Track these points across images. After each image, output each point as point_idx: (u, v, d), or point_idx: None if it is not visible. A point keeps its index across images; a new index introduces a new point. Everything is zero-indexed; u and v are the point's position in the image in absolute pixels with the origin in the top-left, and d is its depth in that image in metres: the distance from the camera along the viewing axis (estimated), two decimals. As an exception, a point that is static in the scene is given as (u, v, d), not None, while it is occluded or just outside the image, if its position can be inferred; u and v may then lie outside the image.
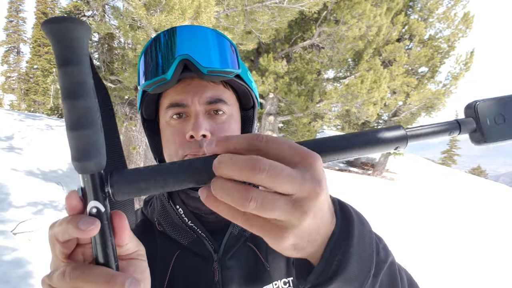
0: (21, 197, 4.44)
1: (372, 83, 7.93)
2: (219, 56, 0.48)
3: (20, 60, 24.08)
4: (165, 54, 0.47)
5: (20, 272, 2.88)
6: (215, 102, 0.51)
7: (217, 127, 0.51)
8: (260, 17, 4.38)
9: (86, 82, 0.25)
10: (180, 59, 0.46)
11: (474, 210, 7.80)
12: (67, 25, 0.24)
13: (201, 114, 0.50)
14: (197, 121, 0.49)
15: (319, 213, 0.26)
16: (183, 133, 0.50)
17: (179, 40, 0.47)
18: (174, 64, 0.46)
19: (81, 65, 0.25)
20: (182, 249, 0.54)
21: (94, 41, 13.33)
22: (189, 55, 0.46)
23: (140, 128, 5.01)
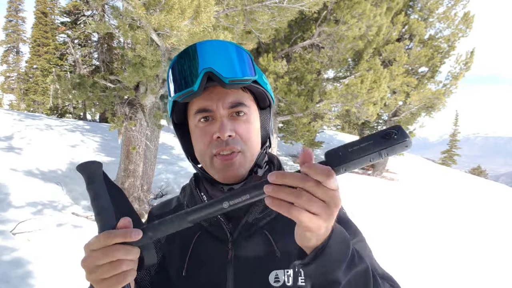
0: (21, 197, 4.44)
1: (372, 83, 7.93)
2: (238, 66, 0.56)
3: (20, 60, 24.06)
4: (190, 68, 0.55)
5: (19, 272, 2.87)
6: (237, 106, 0.59)
7: (239, 126, 0.59)
8: (260, 16, 4.37)
9: (101, 193, 0.49)
10: (204, 72, 0.53)
11: (474, 210, 7.80)
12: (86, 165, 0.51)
13: (225, 117, 0.58)
14: (222, 124, 0.57)
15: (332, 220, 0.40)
16: (210, 134, 0.58)
17: (201, 54, 0.55)
18: (199, 77, 0.54)
19: (97, 183, 0.50)
20: (202, 231, 0.63)
21: (93, 41, 13.27)
22: (212, 68, 0.53)
23: (139, 128, 5.00)
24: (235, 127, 0.58)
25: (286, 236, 0.57)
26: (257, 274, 0.58)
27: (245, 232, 0.60)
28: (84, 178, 0.49)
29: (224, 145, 0.57)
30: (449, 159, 23.66)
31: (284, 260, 0.58)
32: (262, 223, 0.61)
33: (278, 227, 0.60)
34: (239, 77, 0.55)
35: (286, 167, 7.50)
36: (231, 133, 0.57)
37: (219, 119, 0.58)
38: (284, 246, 0.59)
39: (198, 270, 0.61)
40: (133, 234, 0.43)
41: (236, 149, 0.58)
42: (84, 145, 7.65)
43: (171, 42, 3.38)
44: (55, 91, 4.84)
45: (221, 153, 0.58)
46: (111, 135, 8.96)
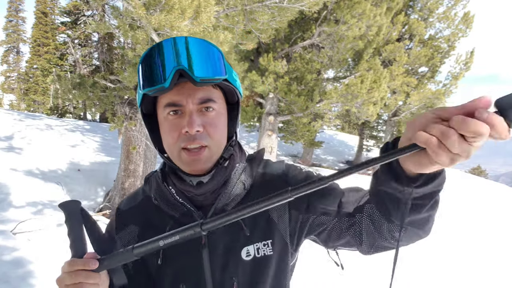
0: (21, 197, 4.44)
1: (372, 83, 7.93)
2: (209, 65, 0.57)
3: (20, 60, 24.06)
4: (163, 63, 0.56)
5: (20, 272, 2.88)
6: (206, 101, 0.60)
7: (208, 121, 0.61)
8: (260, 16, 4.38)
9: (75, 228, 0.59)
10: (176, 69, 0.55)
11: (474, 210, 7.80)
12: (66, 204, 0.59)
13: (194, 112, 0.60)
14: (191, 119, 0.59)
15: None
16: (179, 128, 0.60)
17: (174, 51, 0.56)
18: (171, 75, 0.55)
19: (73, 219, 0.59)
20: (174, 221, 0.66)
21: (93, 41, 13.27)
22: (184, 66, 0.55)
23: (140, 128, 5.01)
24: (203, 122, 0.60)
25: (254, 216, 0.57)
26: (230, 253, 0.64)
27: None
28: (64, 214, 0.59)
29: (192, 139, 0.59)
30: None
31: (253, 236, 0.65)
32: (230, 207, 0.65)
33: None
34: (210, 76, 0.57)
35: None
36: (199, 128, 0.59)
37: (188, 114, 0.59)
38: (251, 225, 0.65)
39: (174, 257, 0.66)
40: (90, 264, 0.54)
41: (203, 144, 0.60)
42: (84, 145, 7.66)
43: (171, 42, 3.39)
44: (55, 91, 4.85)
45: (188, 147, 0.60)
46: (111, 135, 8.96)
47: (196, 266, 0.64)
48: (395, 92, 11.17)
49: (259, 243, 0.65)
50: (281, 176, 0.70)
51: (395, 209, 0.54)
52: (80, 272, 0.54)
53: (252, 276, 0.64)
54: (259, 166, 0.72)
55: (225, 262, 0.64)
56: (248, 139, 15.21)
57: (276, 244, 0.65)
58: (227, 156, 0.67)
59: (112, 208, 5.18)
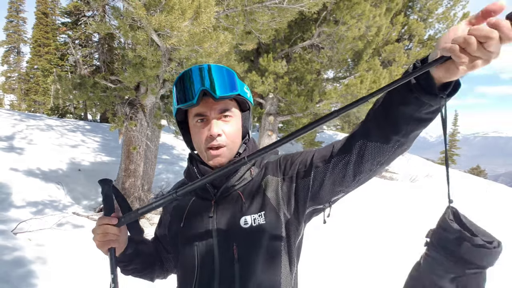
0: (22, 197, 4.45)
1: (372, 83, 7.94)
2: (226, 85, 0.78)
3: (20, 60, 24.06)
4: (192, 85, 0.77)
5: (20, 271, 2.89)
6: (224, 111, 0.81)
7: (226, 126, 0.81)
8: (260, 17, 4.39)
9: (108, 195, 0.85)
10: (201, 90, 0.76)
11: (474, 209, 7.80)
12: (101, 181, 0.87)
13: (215, 120, 0.80)
14: (212, 126, 0.79)
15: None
16: (205, 132, 0.81)
17: (201, 75, 0.77)
18: (198, 94, 0.76)
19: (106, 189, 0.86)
20: (196, 196, 0.89)
21: (94, 41, 13.26)
22: (207, 88, 0.76)
23: (140, 128, 5.02)
24: (222, 127, 0.81)
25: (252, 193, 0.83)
26: (230, 220, 0.82)
27: (225, 193, 0.84)
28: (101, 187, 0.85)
29: (214, 141, 0.80)
30: (448, 159, 23.65)
31: (251, 209, 0.81)
32: (237, 187, 0.84)
33: (248, 189, 0.84)
34: (226, 94, 0.77)
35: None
36: (219, 132, 0.79)
37: (211, 121, 0.80)
38: (250, 200, 0.82)
39: (191, 222, 0.86)
40: (112, 220, 0.79)
41: (222, 145, 0.80)
42: (85, 145, 7.67)
43: (171, 43, 3.40)
44: (56, 91, 4.86)
45: (210, 147, 0.80)
46: (111, 135, 8.97)
47: (206, 231, 0.83)
48: (394, 93, 11.16)
49: (255, 215, 0.81)
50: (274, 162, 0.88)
51: (405, 124, 0.62)
52: (106, 225, 0.78)
53: (249, 240, 0.80)
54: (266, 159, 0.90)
55: (227, 228, 0.81)
56: (248, 139, 15.21)
57: (267, 216, 0.81)
58: (242, 151, 0.87)
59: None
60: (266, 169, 0.86)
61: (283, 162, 0.86)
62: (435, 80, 0.55)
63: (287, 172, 0.83)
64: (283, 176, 0.83)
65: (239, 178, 0.83)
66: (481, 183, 13.29)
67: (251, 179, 0.85)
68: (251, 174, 0.85)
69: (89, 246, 3.61)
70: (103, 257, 3.03)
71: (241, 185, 0.84)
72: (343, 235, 5.33)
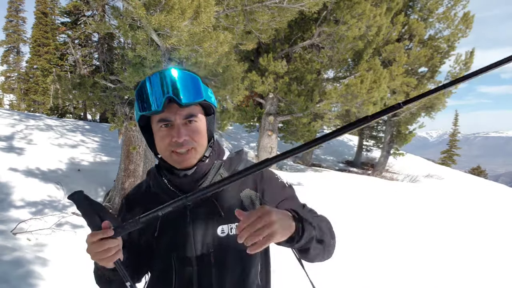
0: (21, 197, 4.44)
1: (372, 83, 7.93)
2: (190, 91, 0.78)
3: (20, 60, 24.04)
4: (156, 92, 0.77)
5: (20, 271, 2.88)
6: (189, 117, 0.81)
7: (191, 130, 0.81)
8: (260, 17, 4.38)
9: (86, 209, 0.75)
10: (166, 97, 0.76)
11: (474, 209, 7.80)
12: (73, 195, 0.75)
13: (181, 125, 0.80)
14: (179, 131, 0.79)
15: (280, 226, 0.65)
16: (170, 137, 0.80)
17: (164, 82, 0.77)
18: (163, 101, 0.76)
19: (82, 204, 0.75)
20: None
21: (94, 41, 13.24)
22: (172, 95, 0.76)
23: (140, 128, 5.01)
24: (188, 132, 0.81)
25: (228, 202, 0.86)
26: (209, 229, 0.84)
27: (199, 201, 0.83)
28: (74, 204, 0.76)
29: (180, 146, 0.80)
30: (448, 159, 23.65)
31: (227, 218, 0.83)
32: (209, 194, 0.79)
33: (222, 196, 0.86)
34: (191, 100, 0.78)
35: (286, 166, 7.46)
36: (185, 137, 0.80)
37: (176, 127, 0.80)
38: (227, 208, 0.84)
39: (167, 230, 0.86)
40: (108, 232, 0.70)
41: (189, 147, 0.81)
42: (85, 145, 7.66)
43: (171, 42, 3.39)
44: (56, 91, 4.85)
45: (177, 151, 0.81)
46: (111, 135, 8.96)
47: (183, 239, 0.84)
48: (395, 92, 11.16)
49: (232, 224, 0.84)
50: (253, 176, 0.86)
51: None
52: (105, 240, 0.71)
53: (226, 248, 0.83)
54: (239, 164, 0.93)
55: (205, 238, 0.84)
56: (248, 139, 15.20)
57: None
58: (208, 155, 0.87)
59: (113, 208, 5.18)
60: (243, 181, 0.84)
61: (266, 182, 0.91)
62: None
63: (265, 196, 0.89)
64: (262, 195, 0.89)
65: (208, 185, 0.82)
66: (482, 183, 13.30)
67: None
68: (222, 177, 0.86)
69: (88, 246, 3.61)
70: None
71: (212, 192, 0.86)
72: (343, 235, 5.33)
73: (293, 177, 8.27)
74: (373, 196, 7.79)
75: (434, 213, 6.80)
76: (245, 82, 7.18)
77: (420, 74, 12.08)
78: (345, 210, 6.22)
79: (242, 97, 5.70)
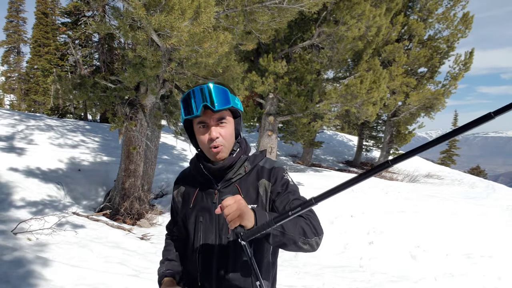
0: (22, 197, 4.46)
1: (372, 83, 7.94)
2: (221, 100, 1.03)
3: (20, 60, 24.06)
4: (196, 101, 1.03)
5: (20, 272, 2.89)
6: (220, 119, 1.06)
7: (222, 130, 1.07)
8: (260, 17, 4.39)
9: None
10: (203, 105, 1.02)
11: (474, 209, 7.80)
12: None
13: (213, 126, 1.06)
14: (212, 131, 1.05)
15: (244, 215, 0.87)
16: (207, 135, 1.07)
17: (202, 94, 1.03)
18: (200, 108, 1.02)
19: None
20: (202, 185, 1.15)
21: (94, 42, 13.23)
22: (207, 104, 1.02)
23: (140, 128, 5.02)
24: (219, 131, 1.06)
25: (247, 187, 1.11)
26: None
27: (225, 184, 1.12)
28: None
29: (214, 142, 1.05)
30: (448, 159, 23.66)
31: (247, 200, 1.02)
32: (234, 179, 1.12)
33: (243, 182, 1.12)
34: (222, 107, 1.03)
35: (286, 167, 7.49)
36: (217, 135, 1.05)
37: (210, 127, 1.06)
38: (246, 192, 1.10)
39: (200, 203, 1.14)
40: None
41: (220, 144, 1.06)
42: (85, 145, 7.67)
43: (171, 43, 3.40)
44: (56, 91, 4.86)
45: (211, 146, 1.06)
46: (111, 135, 8.98)
47: (210, 212, 1.10)
48: (394, 93, 11.17)
49: (250, 204, 1.04)
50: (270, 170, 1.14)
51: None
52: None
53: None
54: (261, 161, 1.18)
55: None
56: (248, 139, 15.19)
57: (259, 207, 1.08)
58: (236, 149, 1.13)
59: (113, 208, 5.19)
60: (261, 173, 1.14)
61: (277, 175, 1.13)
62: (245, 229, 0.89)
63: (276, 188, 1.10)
64: (272, 184, 1.11)
65: (234, 172, 1.12)
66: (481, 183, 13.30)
67: (245, 174, 1.13)
68: (245, 169, 1.12)
69: (88, 246, 3.61)
70: (103, 257, 3.01)
71: (237, 178, 1.12)
72: (343, 235, 5.33)
73: (293, 177, 8.24)
74: (373, 196, 7.80)
75: (434, 213, 6.81)
76: (245, 82, 7.19)
77: (420, 74, 12.09)
78: (345, 210, 6.23)
79: (242, 97, 5.72)
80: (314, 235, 0.98)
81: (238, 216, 0.85)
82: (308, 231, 0.97)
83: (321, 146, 13.59)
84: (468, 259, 4.71)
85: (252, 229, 0.87)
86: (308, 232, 0.97)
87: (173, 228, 1.29)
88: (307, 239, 0.96)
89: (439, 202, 7.94)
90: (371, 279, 3.81)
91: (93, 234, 4.05)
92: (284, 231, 0.92)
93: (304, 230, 0.96)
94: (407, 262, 4.50)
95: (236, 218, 0.85)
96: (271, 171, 1.13)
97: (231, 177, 1.11)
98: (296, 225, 0.95)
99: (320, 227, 1.02)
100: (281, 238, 0.93)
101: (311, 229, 0.98)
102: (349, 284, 3.65)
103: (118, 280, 2.98)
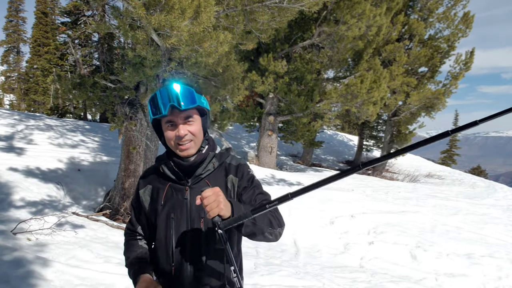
0: (21, 197, 4.45)
1: (372, 83, 7.93)
2: (188, 100, 1.08)
3: (20, 60, 24.05)
4: (163, 102, 1.08)
5: (20, 272, 2.88)
6: (187, 118, 1.11)
7: (190, 127, 1.11)
8: (260, 17, 4.38)
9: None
10: (170, 105, 1.07)
11: (475, 209, 7.79)
12: None
13: (181, 125, 1.10)
14: (180, 129, 1.10)
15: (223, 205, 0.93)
16: (174, 133, 1.11)
17: (169, 94, 1.08)
18: (168, 107, 1.07)
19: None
20: (172, 181, 1.19)
21: (94, 41, 13.23)
22: (174, 104, 1.07)
23: (140, 128, 5.01)
24: (188, 129, 1.11)
25: (216, 183, 1.15)
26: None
27: (195, 180, 1.17)
28: None
29: (182, 139, 1.10)
30: (449, 159, 23.65)
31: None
32: (204, 175, 1.18)
33: (212, 178, 1.17)
34: (188, 106, 1.08)
35: (286, 166, 7.48)
36: (186, 133, 1.10)
37: (178, 126, 1.10)
38: (215, 185, 1.07)
39: (170, 200, 1.17)
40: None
41: (189, 140, 1.11)
42: (85, 145, 7.67)
43: (171, 42, 3.39)
44: (56, 91, 4.85)
45: (180, 143, 1.11)
46: (111, 135, 8.97)
47: (181, 208, 1.15)
48: (395, 92, 11.16)
49: None
50: (236, 166, 1.21)
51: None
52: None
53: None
54: (227, 158, 1.24)
55: (198, 207, 1.14)
56: (248, 139, 15.20)
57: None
58: (203, 146, 1.18)
59: (113, 208, 5.18)
60: (229, 169, 1.21)
61: (243, 171, 1.21)
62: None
63: (242, 183, 1.18)
64: (239, 180, 1.18)
65: (203, 168, 1.17)
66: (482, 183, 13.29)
67: (213, 170, 1.19)
68: (214, 166, 1.19)
69: (88, 246, 3.61)
70: (103, 257, 2.99)
71: (206, 174, 1.18)
72: (342, 234, 5.33)
73: (293, 177, 8.27)
74: (373, 196, 7.79)
75: (434, 213, 6.80)
76: (245, 82, 7.18)
77: (420, 74, 12.07)
78: (345, 210, 6.22)
79: (242, 97, 5.71)
80: (278, 226, 1.08)
81: (216, 206, 0.90)
82: (274, 222, 1.06)
83: (321, 146, 13.58)
84: (468, 259, 4.70)
85: (229, 219, 0.92)
86: (274, 224, 1.06)
87: (137, 228, 1.28)
88: (273, 229, 1.06)
89: (439, 202, 7.94)
90: (372, 279, 3.81)
91: (93, 234, 4.04)
92: (255, 222, 0.99)
93: (271, 221, 1.06)
94: (407, 262, 4.49)
95: (215, 208, 0.90)
96: (238, 168, 1.20)
97: (201, 173, 1.16)
98: (265, 217, 1.03)
99: (282, 219, 1.12)
100: (252, 228, 0.99)
101: (276, 221, 1.07)
102: (349, 284, 3.64)
103: (118, 280, 2.97)
